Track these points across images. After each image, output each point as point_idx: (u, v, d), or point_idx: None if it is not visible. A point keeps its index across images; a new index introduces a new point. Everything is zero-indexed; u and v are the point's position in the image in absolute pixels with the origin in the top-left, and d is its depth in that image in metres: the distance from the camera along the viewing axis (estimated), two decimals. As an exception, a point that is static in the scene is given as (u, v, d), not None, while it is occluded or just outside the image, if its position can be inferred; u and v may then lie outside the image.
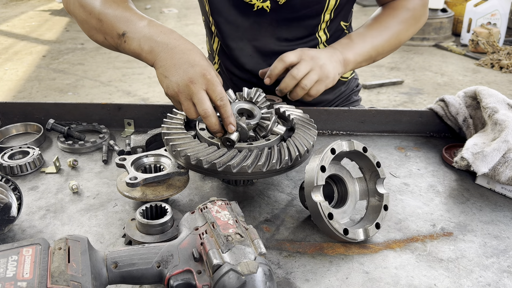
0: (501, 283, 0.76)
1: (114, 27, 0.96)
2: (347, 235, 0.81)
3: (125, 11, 0.97)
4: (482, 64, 4.76)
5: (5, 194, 0.82)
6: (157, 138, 1.12)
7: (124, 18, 0.95)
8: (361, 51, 1.17)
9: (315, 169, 0.80)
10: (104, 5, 0.98)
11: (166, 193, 0.89)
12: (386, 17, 1.24)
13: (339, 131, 1.27)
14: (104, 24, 0.97)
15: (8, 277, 0.57)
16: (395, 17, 1.24)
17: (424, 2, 1.27)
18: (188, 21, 6.27)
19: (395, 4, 1.26)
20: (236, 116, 0.93)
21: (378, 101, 3.98)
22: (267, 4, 1.20)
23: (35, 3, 8.13)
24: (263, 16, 1.22)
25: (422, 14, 1.28)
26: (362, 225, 0.87)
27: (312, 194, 0.80)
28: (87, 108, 1.27)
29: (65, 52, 5.35)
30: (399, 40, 1.25)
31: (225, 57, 1.37)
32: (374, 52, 1.20)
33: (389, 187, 1.03)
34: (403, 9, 1.24)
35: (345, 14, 1.30)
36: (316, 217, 0.81)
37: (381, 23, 1.23)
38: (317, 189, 0.80)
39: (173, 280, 0.65)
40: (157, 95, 4.11)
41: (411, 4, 1.25)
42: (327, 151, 0.83)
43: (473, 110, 1.18)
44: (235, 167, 0.85)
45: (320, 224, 0.81)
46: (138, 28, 0.94)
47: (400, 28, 1.24)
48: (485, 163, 0.97)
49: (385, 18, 1.24)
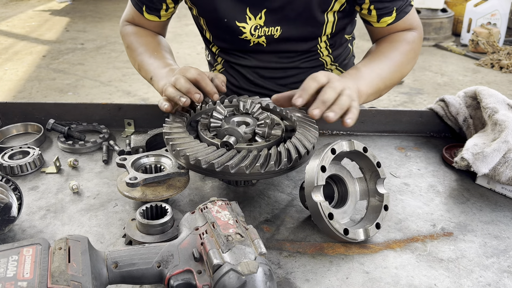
0: (501, 283, 0.76)
1: (147, 73, 1.21)
2: (347, 235, 0.81)
3: (155, 61, 1.21)
4: (482, 64, 4.76)
5: (5, 194, 0.82)
6: (157, 138, 1.12)
7: (153, 66, 1.20)
8: (371, 82, 1.07)
9: (315, 169, 0.80)
10: (142, 55, 1.25)
11: (166, 194, 0.89)
12: (388, 49, 1.17)
13: (339, 131, 1.27)
14: (141, 70, 1.25)
15: (8, 277, 0.57)
16: (397, 49, 1.17)
17: (420, 35, 1.23)
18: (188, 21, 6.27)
19: (394, 37, 1.20)
20: (234, 123, 0.95)
21: (378, 101, 3.98)
22: (262, 39, 1.23)
23: (35, 3, 8.13)
24: (261, 48, 1.26)
25: (419, 48, 1.24)
26: (362, 225, 0.87)
27: (313, 194, 0.80)
28: (87, 108, 1.27)
29: (65, 52, 5.35)
30: (401, 73, 1.18)
31: (227, 55, 1.37)
32: (382, 84, 1.11)
33: (389, 187, 1.03)
34: (403, 42, 1.18)
35: (346, 28, 1.31)
36: (316, 217, 0.81)
37: (384, 54, 1.16)
38: (317, 189, 0.80)
39: (173, 280, 0.65)
40: (157, 95, 4.11)
41: (410, 37, 1.20)
42: (327, 151, 0.83)
43: (473, 110, 1.18)
44: (233, 167, 0.85)
45: (321, 224, 0.81)
46: (161, 74, 1.16)
47: (402, 60, 1.17)
48: (485, 164, 0.97)
49: (387, 50, 1.17)
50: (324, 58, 1.32)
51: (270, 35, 1.21)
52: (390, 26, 1.19)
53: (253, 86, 1.36)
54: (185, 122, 1.00)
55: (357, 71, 1.08)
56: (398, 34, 1.20)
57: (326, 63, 1.33)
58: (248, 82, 1.36)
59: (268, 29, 1.20)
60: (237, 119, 0.99)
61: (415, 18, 1.22)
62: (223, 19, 1.20)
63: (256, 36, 1.22)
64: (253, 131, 0.96)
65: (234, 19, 1.19)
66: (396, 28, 1.20)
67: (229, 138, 0.90)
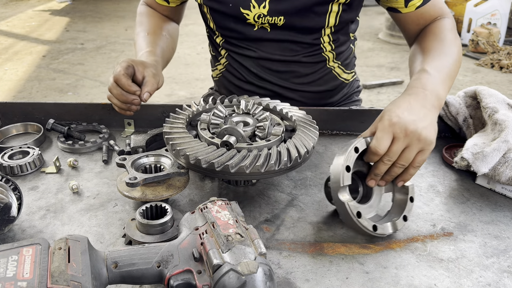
0: (501, 283, 0.76)
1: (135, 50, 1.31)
2: (376, 231, 0.83)
3: (142, 42, 1.29)
4: (482, 64, 4.76)
5: (5, 194, 0.82)
6: (157, 138, 1.12)
7: (138, 47, 1.29)
8: (444, 78, 0.98)
9: (340, 170, 0.81)
10: (137, 35, 1.34)
11: (166, 193, 0.89)
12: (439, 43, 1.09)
13: (339, 131, 1.27)
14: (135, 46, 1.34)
15: (8, 277, 0.57)
16: (445, 41, 1.09)
17: (453, 20, 1.16)
18: (188, 21, 6.27)
19: (434, 29, 1.13)
20: (234, 123, 0.95)
21: (378, 101, 3.98)
22: (266, 25, 1.24)
23: (35, 3, 8.13)
24: (265, 34, 1.26)
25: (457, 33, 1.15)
26: (389, 218, 0.88)
27: (339, 195, 0.81)
28: (87, 108, 1.27)
29: (65, 52, 5.35)
30: (459, 63, 1.09)
31: (231, 46, 1.39)
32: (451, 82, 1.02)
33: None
34: (446, 31, 1.12)
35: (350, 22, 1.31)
36: (344, 216, 0.82)
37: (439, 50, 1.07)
38: (344, 189, 0.81)
39: (173, 280, 0.65)
40: (157, 95, 4.12)
41: (448, 25, 1.13)
42: (350, 150, 0.83)
43: (473, 110, 1.18)
44: (233, 167, 0.85)
45: (349, 223, 0.83)
46: (138, 55, 1.26)
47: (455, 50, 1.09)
48: (485, 163, 0.97)
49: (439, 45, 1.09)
50: (326, 53, 1.32)
51: (273, 23, 1.23)
52: (419, 11, 1.14)
53: (255, 79, 1.37)
54: (185, 121, 1.00)
55: (427, 74, 0.96)
56: (435, 25, 1.14)
57: (328, 59, 1.33)
58: (251, 75, 1.37)
59: (271, 18, 1.21)
60: (237, 118, 0.99)
61: (443, 3, 1.17)
62: (228, 4, 1.22)
63: (260, 22, 1.23)
64: (253, 130, 0.96)
65: (238, 5, 1.21)
66: (427, 14, 1.15)
67: (229, 137, 0.90)
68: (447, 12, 1.18)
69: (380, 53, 5.16)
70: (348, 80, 1.44)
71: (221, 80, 1.48)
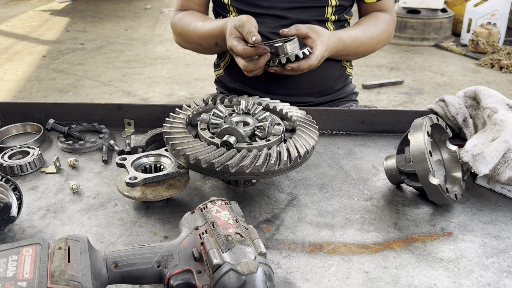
0: (501, 283, 0.76)
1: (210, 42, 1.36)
2: (457, 199, 0.95)
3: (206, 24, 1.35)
4: (482, 64, 4.76)
5: (5, 194, 0.82)
6: (157, 138, 1.12)
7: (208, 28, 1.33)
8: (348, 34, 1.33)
9: (426, 157, 0.88)
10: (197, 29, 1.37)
11: (166, 193, 0.89)
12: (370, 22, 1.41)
13: (339, 131, 1.27)
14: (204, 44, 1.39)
15: (8, 277, 0.57)
16: (376, 25, 1.41)
17: (395, 19, 1.47)
18: (188, 21, 6.28)
19: (376, 15, 1.44)
20: (234, 123, 0.95)
21: (378, 101, 3.98)
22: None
23: (35, 3, 8.13)
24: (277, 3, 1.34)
25: (393, 30, 1.48)
26: (452, 181, 1.01)
27: (430, 179, 0.89)
28: (87, 108, 1.27)
29: (65, 52, 5.35)
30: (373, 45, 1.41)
31: None
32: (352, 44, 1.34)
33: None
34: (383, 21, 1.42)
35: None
36: (435, 195, 0.92)
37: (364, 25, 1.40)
38: (433, 173, 0.89)
39: (173, 280, 0.65)
40: (157, 95, 4.12)
41: (388, 19, 1.44)
42: (425, 135, 0.91)
43: (473, 110, 1.18)
44: (233, 167, 0.85)
45: (439, 199, 0.93)
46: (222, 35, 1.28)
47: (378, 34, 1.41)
48: (485, 164, 0.97)
49: (368, 23, 1.41)
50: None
51: None
52: (378, 3, 1.44)
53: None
54: (185, 121, 1.00)
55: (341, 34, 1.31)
56: (379, 13, 1.44)
57: None
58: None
59: None
60: (237, 118, 0.99)
61: (393, 4, 1.49)
62: None
63: None
64: (253, 130, 0.96)
65: None
66: (380, 5, 1.44)
67: (229, 137, 0.90)
68: (393, 11, 1.49)
69: (380, 53, 5.16)
70: (345, 66, 1.49)
71: (225, 77, 1.50)
